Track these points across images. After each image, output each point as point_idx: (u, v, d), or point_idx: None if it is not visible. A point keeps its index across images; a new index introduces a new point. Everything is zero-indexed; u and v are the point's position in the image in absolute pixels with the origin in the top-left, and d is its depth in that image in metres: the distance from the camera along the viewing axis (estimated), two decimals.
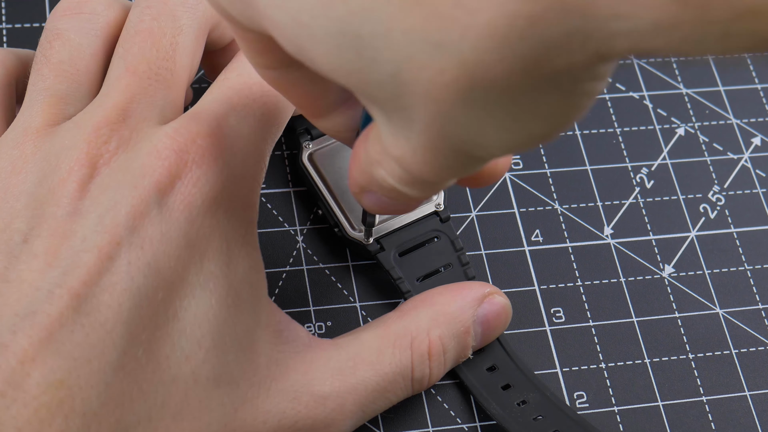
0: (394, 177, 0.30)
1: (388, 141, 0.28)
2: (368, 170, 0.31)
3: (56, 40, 0.37)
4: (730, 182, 0.48)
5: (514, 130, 0.26)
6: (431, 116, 0.26)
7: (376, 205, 0.33)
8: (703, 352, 0.44)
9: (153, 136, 0.35)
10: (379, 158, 0.30)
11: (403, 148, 0.28)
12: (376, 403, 0.38)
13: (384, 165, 0.30)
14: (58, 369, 0.31)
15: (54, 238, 0.33)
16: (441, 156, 0.27)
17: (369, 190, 0.32)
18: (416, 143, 0.27)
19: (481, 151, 0.27)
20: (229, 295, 0.34)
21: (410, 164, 0.28)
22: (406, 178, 0.30)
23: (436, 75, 0.24)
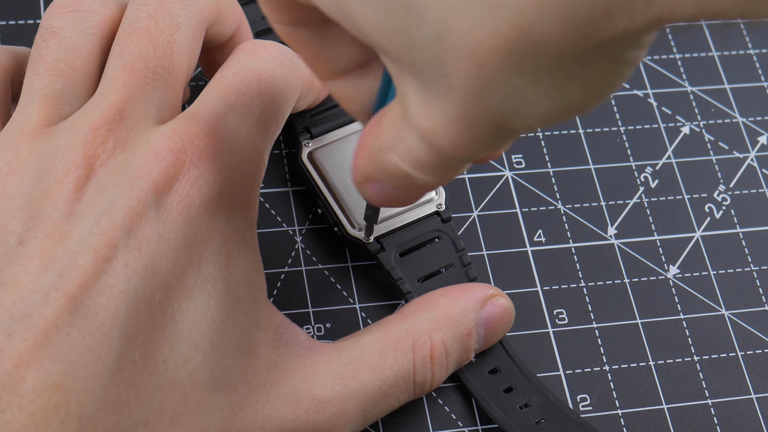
0: (409, 161, 0.30)
1: (417, 113, 0.28)
2: (377, 156, 0.31)
3: (52, 39, 0.37)
4: (736, 181, 0.48)
5: (557, 98, 0.26)
6: (474, 82, 0.26)
7: (380, 195, 0.32)
8: (709, 355, 0.44)
9: (150, 137, 0.35)
10: (392, 143, 0.30)
11: (434, 119, 0.28)
12: (377, 408, 0.38)
13: (398, 149, 0.30)
14: (53, 372, 0.31)
15: (50, 239, 0.33)
16: (475, 127, 0.27)
17: (374, 179, 0.32)
18: (451, 112, 0.27)
19: (518, 121, 0.27)
20: (227, 298, 0.34)
21: (440, 137, 0.28)
22: (424, 160, 0.29)
23: (488, 36, 0.24)
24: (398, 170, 0.30)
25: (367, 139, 0.31)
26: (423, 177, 0.30)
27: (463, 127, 0.27)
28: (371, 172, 0.32)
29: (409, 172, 0.30)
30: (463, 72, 0.26)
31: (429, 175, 0.30)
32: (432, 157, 0.29)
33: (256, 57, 0.37)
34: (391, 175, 0.31)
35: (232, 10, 0.40)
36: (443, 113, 0.27)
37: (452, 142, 0.28)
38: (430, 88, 0.27)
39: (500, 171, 0.47)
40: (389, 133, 0.30)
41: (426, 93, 0.27)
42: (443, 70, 0.26)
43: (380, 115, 0.31)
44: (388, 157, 0.30)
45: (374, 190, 0.32)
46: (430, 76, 0.27)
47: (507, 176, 0.47)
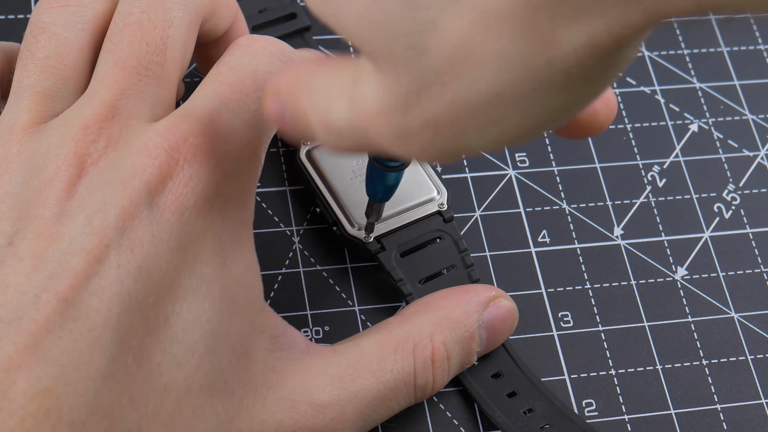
0: (322, 118, 0.30)
1: (367, 91, 0.28)
2: (300, 92, 0.31)
3: (42, 34, 0.37)
4: (746, 180, 0.48)
5: (539, 106, 0.26)
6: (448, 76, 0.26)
7: (275, 113, 0.32)
8: (718, 358, 0.44)
9: (143, 134, 0.35)
10: (322, 94, 0.30)
11: (383, 107, 0.28)
12: (377, 412, 0.38)
13: (319, 101, 0.30)
14: (44, 377, 0.31)
15: (40, 240, 0.33)
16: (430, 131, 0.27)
17: (282, 102, 0.32)
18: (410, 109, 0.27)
19: (482, 139, 0.27)
20: (223, 300, 0.34)
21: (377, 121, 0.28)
22: (338, 126, 0.30)
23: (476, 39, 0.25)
24: (306, 118, 0.31)
25: (304, 66, 0.31)
26: (325, 138, 0.31)
27: (412, 125, 0.27)
28: (286, 95, 0.32)
29: (315, 126, 0.31)
30: (443, 68, 0.26)
31: (333, 140, 0.30)
32: (347, 131, 0.29)
33: (253, 52, 0.38)
34: (298, 114, 0.31)
35: (227, 4, 0.40)
36: (393, 99, 0.27)
37: (389, 136, 0.28)
38: (393, 76, 0.27)
39: (503, 170, 0.47)
40: (325, 84, 0.30)
41: (387, 81, 0.27)
42: (419, 65, 0.26)
43: (331, 58, 0.31)
44: (306, 99, 0.31)
45: (275, 107, 0.32)
46: (400, 67, 0.27)
47: (510, 175, 0.47)
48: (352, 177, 0.43)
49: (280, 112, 0.32)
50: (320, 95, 0.30)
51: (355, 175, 0.43)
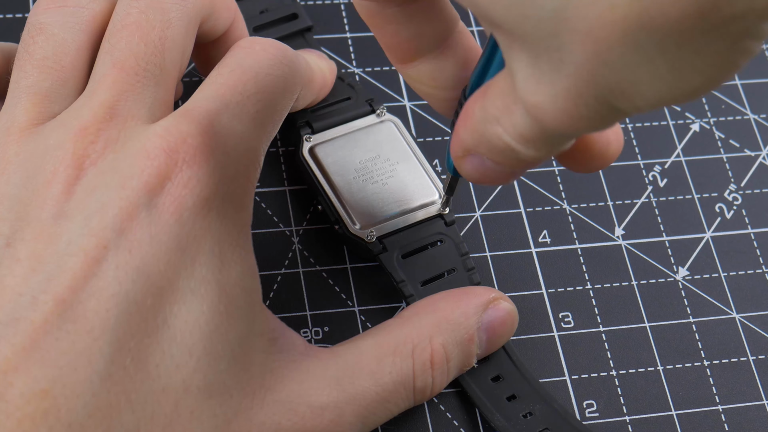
0: (513, 134, 0.30)
1: (525, 86, 0.29)
2: (481, 128, 0.31)
3: (39, 35, 0.37)
4: (747, 180, 0.48)
5: (669, 81, 0.26)
6: (587, 58, 0.26)
7: (479, 170, 0.33)
8: (719, 359, 0.44)
9: (142, 136, 0.35)
10: (498, 114, 0.30)
11: (543, 93, 0.28)
12: (376, 414, 0.38)
13: (503, 121, 0.30)
14: (42, 378, 0.31)
15: (38, 242, 0.33)
16: (583, 104, 0.28)
17: (475, 152, 0.32)
18: (560, 87, 0.28)
19: (627, 102, 0.27)
20: (221, 301, 0.34)
21: (546, 112, 0.28)
22: (528, 135, 0.30)
23: (605, 11, 0.25)
24: (502, 143, 0.31)
25: (471, 111, 0.32)
26: (526, 151, 0.31)
27: (571, 104, 0.28)
28: (473, 145, 0.32)
29: (512, 146, 0.31)
30: (577, 47, 0.26)
31: (532, 149, 0.31)
32: (537, 131, 0.30)
33: (254, 54, 0.38)
34: (493, 147, 0.31)
35: (226, 5, 0.40)
36: (552, 88, 0.28)
37: (558, 118, 0.28)
38: (540, 63, 0.28)
39: None
40: (495, 105, 0.30)
41: (536, 67, 0.28)
42: (557, 44, 0.26)
43: (486, 87, 0.31)
44: (492, 129, 0.31)
45: (473, 164, 0.33)
46: (542, 50, 0.27)
47: None
48: (355, 175, 0.43)
49: (479, 165, 0.33)
50: (500, 116, 0.30)
51: (358, 174, 0.43)
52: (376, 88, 0.48)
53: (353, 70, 0.48)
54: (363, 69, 0.48)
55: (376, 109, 0.45)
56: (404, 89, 0.48)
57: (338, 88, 0.45)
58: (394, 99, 0.48)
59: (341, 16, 0.49)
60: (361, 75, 0.48)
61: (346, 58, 0.49)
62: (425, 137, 0.47)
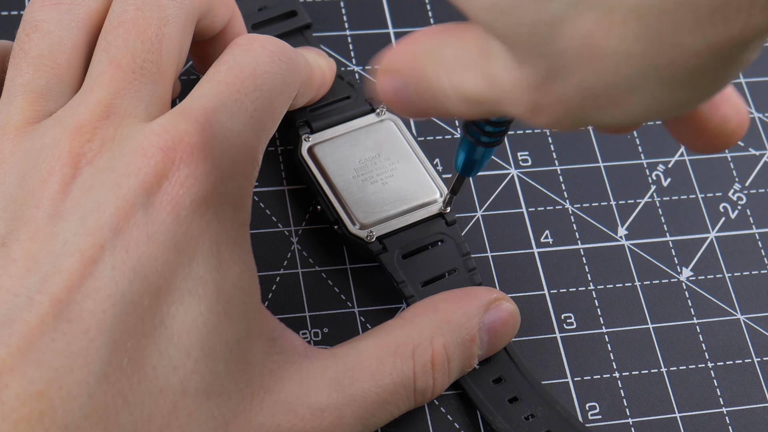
0: (460, 88, 0.30)
1: (503, 69, 0.29)
2: (425, 60, 0.31)
3: (35, 32, 0.37)
4: (752, 180, 0.48)
5: (660, 97, 0.27)
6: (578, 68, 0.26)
7: (395, 93, 0.32)
8: (723, 361, 0.44)
9: (138, 134, 0.35)
10: (456, 67, 0.30)
11: (518, 82, 0.28)
12: (376, 416, 0.38)
13: (457, 74, 0.30)
14: (38, 380, 0.31)
15: (34, 241, 0.33)
16: (559, 106, 0.28)
17: (404, 76, 0.32)
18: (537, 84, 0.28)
19: (608, 118, 0.28)
20: (219, 302, 0.34)
21: (513, 99, 0.29)
22: (475, 97, 0.30)
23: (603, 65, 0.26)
24: (438, 87, 0.31)
25: (425, 38, 0.31)
26: (456, 107, 0.31)
27: (544, 102, 0.28)
28: (408, 69, 0.32)
29: (448, 95, 0.31)
30: (570, 57, 0.26)
31: (463, 108, 0.31)
32: (485, 101, 0.30)
33: (252, 52, 0.38)
34: (427, 87, 0.31)
35: (223, 2, 0.40)
36: (526, 79, 0.28)
37: (523, 109, 0.29)
38: (525, 59, 0.28)
39: (506, 169, 0.47)
40: (459, 56, 0.30)
41: (519, 61, 0.28)
42: (548, 51, 0.27)
43: (453, 28, 0.31)
44: (435, 69, 0.31)
45: (393, 84, 0.32)
46: (533, 56, 0.27)
47: (512, 174, 0.47)
48: (355, 175, 0.43)
49: (400, 88, 0.32)
50: (452, 66, 0.30)
51: (358, 173, 0.43)
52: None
53: (353, 68, 0.48)
54: (363, 67, 0.48)
55: (376, 108, 0.45)
56: None
57: (338, 86, 0.45)
58: None
59: (341, 13, 0.49)
60: (361, 73, 0.48)
61: (346, 56, 0.49)
62: (426, 136, 0.47)
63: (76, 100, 0.36)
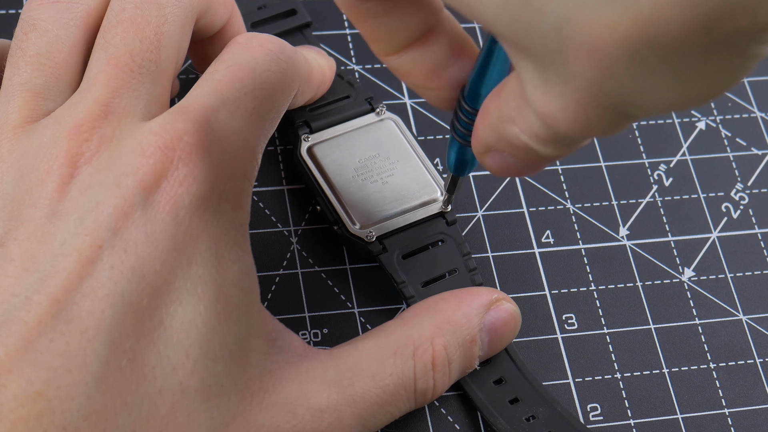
0: (529, 134, 0.31)
1: (534, 95, 0.29)
2: (499, 126, 0.32)
3: (33, 31, 0.37)
4: (754, 180, 0.48)
5: (677, 89, 0.27)
6: (593, 73, 0.26)
7: (501, 165, 0.33)
8: (726, 362, 0.44)
9: (137, 133, 0.35)
10: (513, 114, 0.31)
11: (552, 104, 0.29)
12: (376, 417, 0.38)
13: (519, 121, 0.31)
14: (36, 380, 0.31)
15: (31, 241, 0.33)
16: (593, 114, 0.28)
17: (496, 149, 0.33)
18: (569, 99, 0.28)
19: (637, 109, 0.28)
20: (218, 302, 0.34)
21: (557, 120, 0.29)
22: (544, 135, 0.30)
23: (607, 30, 0.25)
24: (519, 141, 0.31)
25: (488, 110, 0.32)
26: (544, 150, 0.31)
27: (581, 113, 0.28)
28: (493, 142, 0.32)
29: (530, 145, 0.31)
30: (582, 63, 0.26)
31: (550, 148, 0.31)
32: (551, 134, 0.30)
33: (251, 50, 0.38)
34: (512, 145, 0.32)
35: (222, 0, 0.40)
36: (560, 98, 0.28)
37: (569, 126, 0.29)
38: (547, 74, 0.28)
39: None
40: (510, 105, 0.31)
41: (543, 78, 0.28)
42: (561, 59, 0.27)
43: (500, 87, 0.32)
44: (509, 128, 0.31)
45: (495, 160, 0.33)
46: (547, 63, 0.27)
47: None
48: (354, 174, 0.43)
49: (502, 159, 0.33)
50: (515, 116, 0.31)
51: (358, 173, 0.43)
52: (376, 85, 0.48)
53: (353, 67, 0.48)
54: (363, 66, 0.48)
55: (376, 108, 0.45)
56: (404, 87, 0.48)
57: (337, 86, 0.45)
58: (394, 96, 0.48)
59: (340, 12, 0.49)
60: (361, 72, 0.48)
61: (346, 55, 0.49)
62: (426, 135, 0.47)
63: (75, 99, 0.36)
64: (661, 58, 0.26)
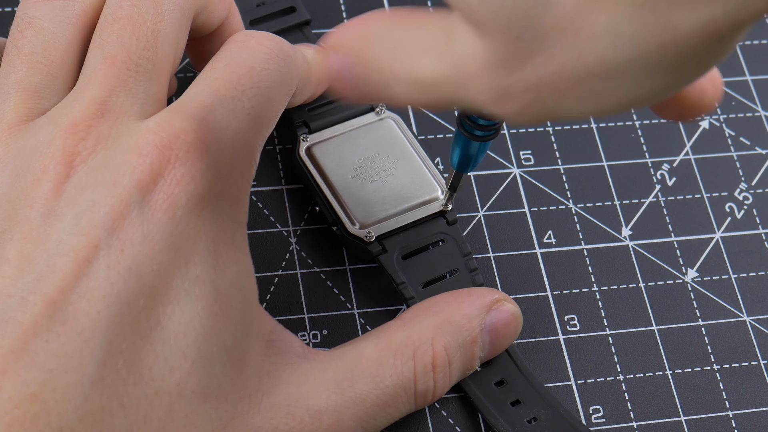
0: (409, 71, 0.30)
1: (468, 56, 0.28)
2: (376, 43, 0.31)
3: (28, 29, 0.37)
4: (759, 179, 0.48)
5: (643, 84, 0.27)
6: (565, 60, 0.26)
7: (338, 72, 0.32)
8: (729, 363, 0.44)
9: (133, 132, 0.35)
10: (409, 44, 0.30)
11: (486, 67, 0.28)
12: (376, 419, 0.38)
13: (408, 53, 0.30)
14: (31, 381, 0.31)
15: (27, 241, 0.33)
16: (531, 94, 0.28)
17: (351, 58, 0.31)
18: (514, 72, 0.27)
19: (580, 107, 0.28)
20: (216, 302, 0.34)
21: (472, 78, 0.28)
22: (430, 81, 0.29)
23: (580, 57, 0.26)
24: (389, 69, 0.30)
25: (378, 19, 0.31)
26: (406, 92, 0.30)
27: (514, 87, 0.28)
28: (357, 49, 0.31)
29: (398, 78, 0.30)
30: (553, 38, 0.26)
31: (414, 94, 0.30)
32: (439, 85, 0.29)
33: (249, 48, 0.38)
34: (376, 66, 0.31)
35: None
36: (498, 62, 0.28)
37: (489, 95, 0.28)
38: (500, 41, 0.27)
39: (508, 168, 0.47)
40: (411, 37, 0.30)
41: (491, 44, 0.28)
42: (529, 33, 0.26)
43: (409, 13, 0.31)
44: (387, 51, 0.30)
45: (339, 63, 0.32)
46: (508, 33, 0.27)
47: (515, 173, 0.47)
48: (354, 174, 0.43)
49: (342, 68, 0.32)
50: (405, 49, 0.30)
51: (357, 172, 0.43)
52: None
53: None
54: None
55: (375, 107, 0.45)
56: None
57: None
58: None
59: (340, 9, 0.49)
60: None
61: None
62: (427, 135, 0.47)
63: (71, 97, 0.36)
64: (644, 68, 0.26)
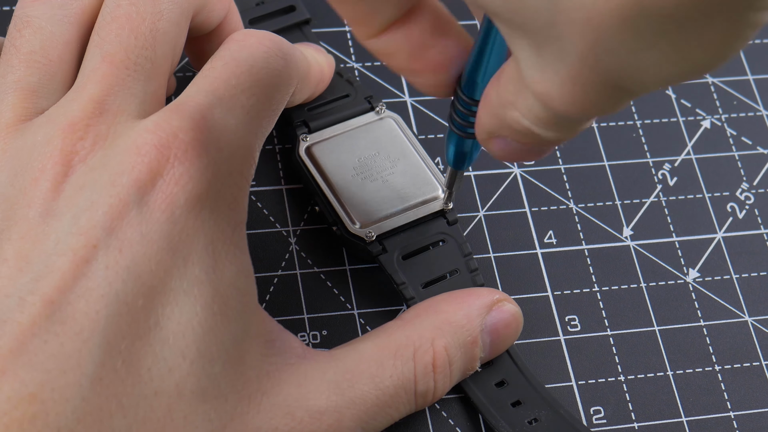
0: (530, 117, 0.31)
1: (531, 76, 0.29)
2: (500, 112, 0.32)
3: (26, 28, 0.37)
4: (760, 179, 0.48)
5: (674, 60, 0.27)
6: (588, 46, 0.26)
7: (505, 150, 0.33)
8: (731, 364, 0.44)
9: (132, 131, 0.35)
10: (513, 99, 0.31)
11: (549, 82, 0.29)
12: (376, 420, 0.38)
13: (519, 106, 0.31)
14: (30, 382, 0.31)
15: (25, 241, 0.33)
16: (591, 90, 0.28)
17: (498, 135, 0.33)
18: (565, 76, 0.28)
19: (635, 84, 0.28)
20: (215, 302, 0.34)
21: (555, 100, 0.29)
22: (544, 118, 0.30)
23: (600, 1, 0.25)
24: (521, 126, 0.31)
25: (489, 96, 0.32)
26: (545, 133, 0.31)
27: (578, 90, 0.28)
28: (495, 128, 0.32)
29: (531, 128, 0.31)
30: (576, 37, 0.26)
31: (551, 131, 0.31)
32: (551, 115, 0.30)
33: (248, 47, 0.38)
34: (514, 130, 0.32)
35: None
36: (557, 76, 0.28)
37: (567, 105, 0.29)
38: (542, 52, 0.28)
39: (508, 168, 0.47)
40: (509, 90, 0.31)
41: (539, 56, 0.28)
42: (557, 33, 0.27)
43: (499, 72, 0.32)
44: (510, 113, 0.31)
45: (499, 145, 0.33)
46: (542, 39, 0.27)
47: (515, 173, 0.47)
48: (354, 174, 0.43)
49: (505, 145, 0.33)
50: (515, 100, 0.31)
51: (357, 173, 0.43)
52: (376, 83, 0.48)
53: (352, 65, 0.48)
54: (362, 64, 0.48)
55: (375, 107, 0.45)
56: (405, 85, 0.48)
57: (336, 84, 0.45)
58: (394, 95, 0.48)
59: None
60: (361, 70, 0.48)
61: (345, 53, 0.49)
62: (427, 134, 0.47)
63: (69, 97, 0.36)
64: (657, 27, 0.25)
